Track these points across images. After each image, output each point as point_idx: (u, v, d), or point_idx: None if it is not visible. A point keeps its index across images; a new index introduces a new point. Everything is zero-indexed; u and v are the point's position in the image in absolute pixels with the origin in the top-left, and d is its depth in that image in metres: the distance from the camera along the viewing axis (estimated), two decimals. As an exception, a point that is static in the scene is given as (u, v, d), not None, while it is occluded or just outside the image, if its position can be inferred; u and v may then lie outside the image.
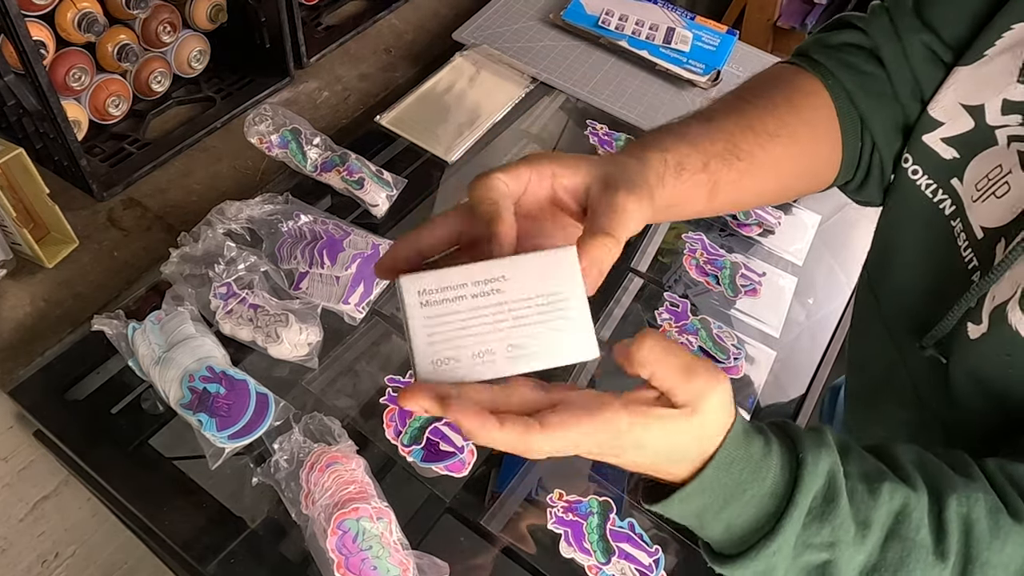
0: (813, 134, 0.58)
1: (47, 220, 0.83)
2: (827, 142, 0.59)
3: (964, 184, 0.54)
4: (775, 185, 0.59)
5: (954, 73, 0.54)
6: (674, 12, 1.22)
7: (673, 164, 0.49)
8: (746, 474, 0.42)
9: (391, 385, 0.76)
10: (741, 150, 0.54)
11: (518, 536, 0.69)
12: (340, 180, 0.92)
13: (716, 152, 0.52)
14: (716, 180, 0.52)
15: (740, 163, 0.53)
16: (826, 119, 0.59)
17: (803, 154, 0.58)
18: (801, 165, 0.59)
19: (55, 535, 0.96)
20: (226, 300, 0.77)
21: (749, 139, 0.54)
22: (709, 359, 0.44)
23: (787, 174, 0.58)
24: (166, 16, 0.95)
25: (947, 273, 0.55)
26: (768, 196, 0.61)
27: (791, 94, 0.58)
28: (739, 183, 0.54)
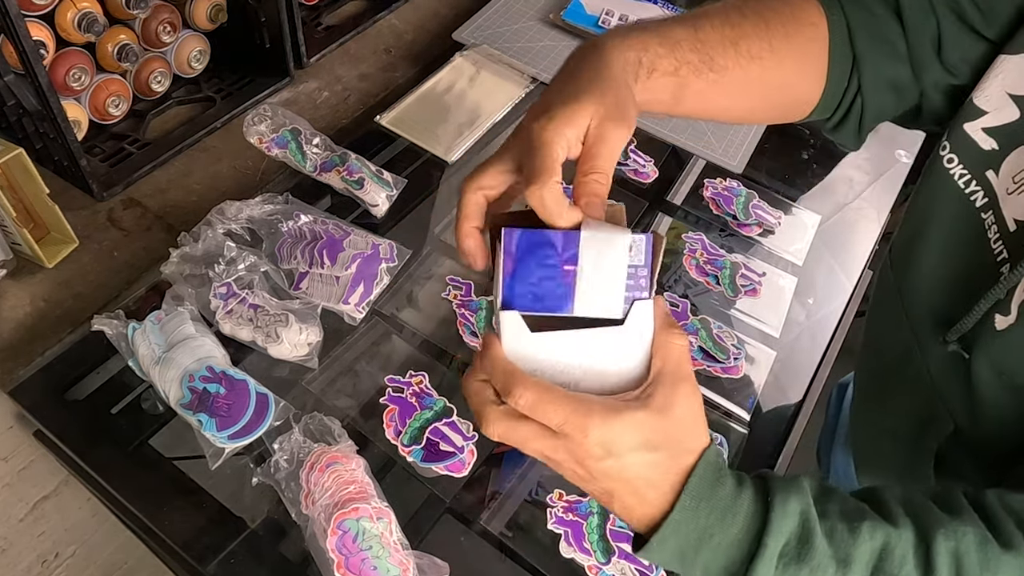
0: (798, 66, 0.58)
1: (47, 220, 0.83)
2: (811, 76, 0.59)
3: (1000, 176, 0.53)
4: (743, 104, 0.60)
5: (1001, 62, 0.53)
6: (674, 12, 1.22)
7: (647, 65, 0.52)
8: (713, 519, 0.42)
9: (391, 385, 0.76)
10: (716, 63, 0.55)
11: (518, 536, 0.69)
12: (340, 180, 0.92)
13: (690, 60, 0.54)
14: (683, 85, 0.54)
15: (712, 74, 0.55)
16: (816, 53, 0.58)
17: (781, 82, 0.58)
18: (776, 92, 0.59)
19: (55, 535, 0.96)
20: (226, 300, 0.77)
21: (729, 55, 0.55)
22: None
23: (758, 97, 0.59)
24: (166, 16, 0.95)
25: (975, 266, 0.54)
26: (735, 113, 0.61)
27: (788, 20, 0.58)
28: (705, 94, 0.55)
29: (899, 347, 0.62)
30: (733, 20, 0.56)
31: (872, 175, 1.11)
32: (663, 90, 0.54)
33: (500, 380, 0.42)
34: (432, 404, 0.75)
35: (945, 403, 0.58)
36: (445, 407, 0.75)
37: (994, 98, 0.54)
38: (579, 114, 0.46)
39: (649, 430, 0.42)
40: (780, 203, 1.04)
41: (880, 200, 1.09)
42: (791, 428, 0.83)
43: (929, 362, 0.60)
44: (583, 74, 0.49)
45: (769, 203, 1.03)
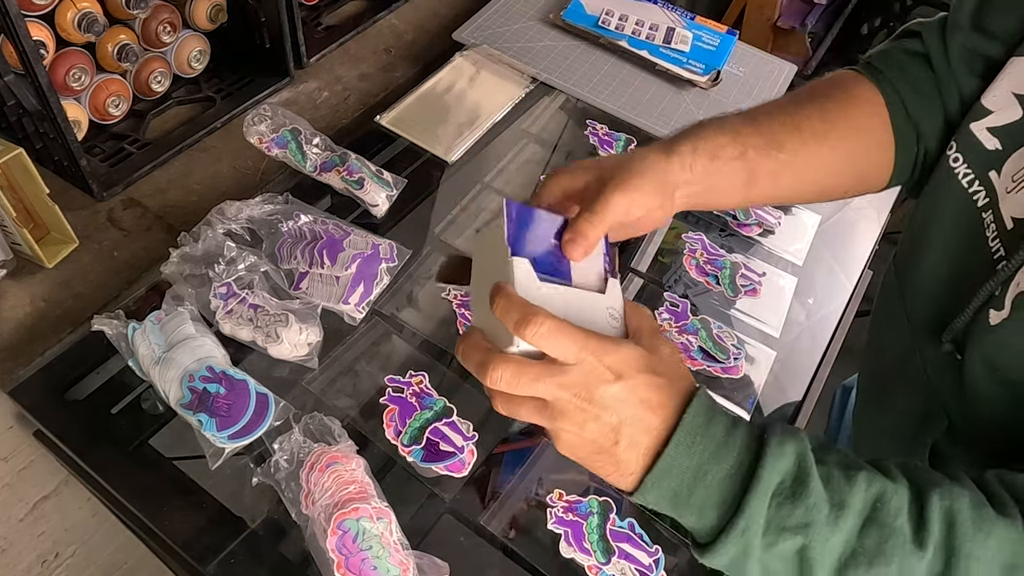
0: (863, 140, 0.60)
1: (47, 220, 0.83)
2: (878, 149, 0.61)
3: (1001, 176, 0.53)
4: (817, 183, 0.61)
5: (1011, 63, 0.54)
6: (674, 12, 1.22)
7: (705, 151, 0.54)
8: (707, 455, 0.43)
9: (391, 385, 0.76)
10: (783, 145, 0.56)
11: (518, 536, 0.69)
12: (340, 180, 0.92)
13: (755, 144, 0.55)
14: (754, 169, 0.55)
15: (781, 155, 0.56)
16: (879, 126, 0.60)
17: (850, 158, 0.60)
18: (847, 168, 0.61)
19: (55, 535, 0.96)
20: (226, 300, 0.77)
21: (793, 137, 0.57)
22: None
23: (831, 174, 0.60)
24: (166, 16, 0.95)
25: (973, 265, 0.54)
26: (808, 194, 0.62)
27: (845, 99, 0.60)
28: (779, 175, 0.57)
29: (900, 348, 0.62)
30: (789, 110, 0.58)
31: (872, 175, 1.11)
32: (732, 175, 0.55)
33: (518, 312, 0.43)
34: (432, 404, 0.75)
35: (940, 400, 0.58)
36: (445, 407, 0.75)
37: (1000, 98, 0.54)
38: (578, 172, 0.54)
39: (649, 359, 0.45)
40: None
41: (880, 200, 1.09)
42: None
43: (925, 360, 0.60)
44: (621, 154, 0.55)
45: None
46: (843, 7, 2.37)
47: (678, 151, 0.54)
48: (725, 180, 0.55)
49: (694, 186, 0.54)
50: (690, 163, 0.54)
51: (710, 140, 0.54)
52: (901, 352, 0.63)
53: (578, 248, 0.49)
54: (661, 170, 0.53)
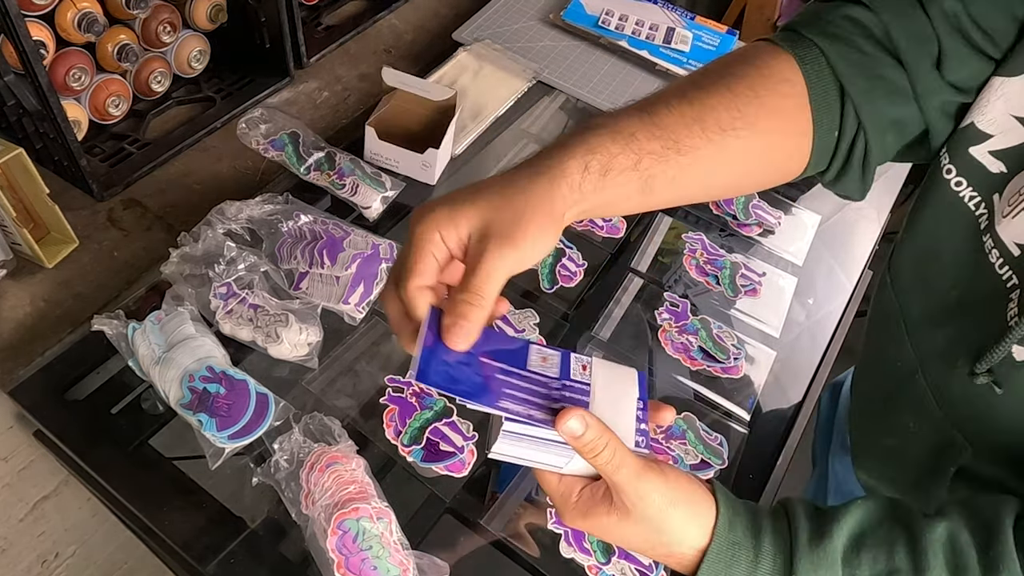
0: (777, 126, 0.54)
1: (47, 220, 0.83)
2: (793, 134, 0.55)
3: (1001, 199, 0.52)
4: (725, 180, 0.56)
5: (1001, 84, 0.52)
6: (674, 12, 1.22)
7: (596, 168, 0.48)
8: None
9: (391, 385, 0.76)
10: (683, 145, 0.50)
11: (518, 536, 0.69)
12: (331, 184, 0.92)
13: (652, 149, 0.50)
14: (649, 177, 0.50)
15: (681, 158, 0.50)
16: (795, 108, 0.54)
17: (762, 148, 0.54)
18: (758, 159, 0.55)
19: (55, 535, 0.96)
20: (226, 300, 0.77)
21: (695, 133, 0.51)
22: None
23: (739, 168, 0.55)
24: (166, 16, 0.95)
25: (982, 291, 0.53)
26: (717, 190, 0.58)
27: (757, 80, 0.53)
28: (678, 179, 0.51)
29: (902, 368, 0.61)
30: (691, 96, 0.52)
31: (872, 175, 1.10)
32: (625, 185, 0.49)
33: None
34: (432, 404, 0.75)
35: (960, 428, 0.56)
36: (445, 407, 0.75)
37: (999, 121, 0.52)
38: (460, 217, 0.45)
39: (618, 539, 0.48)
40: (780, 203, 1.04)
41: (880, 200, 1.09)
42: (791, 428, 0.83)
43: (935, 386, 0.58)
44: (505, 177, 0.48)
45: (769, 203, 1.03)
46: (843, 7, 2.37)
47: (567, 174, 0.47)
48: (616, 193, 0.49)
49: (583, 204, 0.48)
50: (579, 183, 0.47)
51: (602, 152, 0.48)
52: (904, 373, 0.61)
53: (458, 335, 0.44)
54: (547, 201, 0.46)
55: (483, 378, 0.45)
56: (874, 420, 0.70)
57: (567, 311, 0.87)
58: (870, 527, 0.47)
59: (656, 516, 0.46)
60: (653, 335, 0.86)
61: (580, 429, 0.44)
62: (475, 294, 0.44)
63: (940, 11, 0.52)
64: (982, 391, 0.53)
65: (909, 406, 0.61)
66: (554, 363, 0.49)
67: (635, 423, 0.47)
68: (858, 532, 0.47)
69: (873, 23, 0.54)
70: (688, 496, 0.47)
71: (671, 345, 0.85)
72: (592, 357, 0.50)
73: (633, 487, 0.45)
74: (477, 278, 0.44)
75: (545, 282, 0.89)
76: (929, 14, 0.52)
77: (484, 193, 0.46)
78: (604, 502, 0.47)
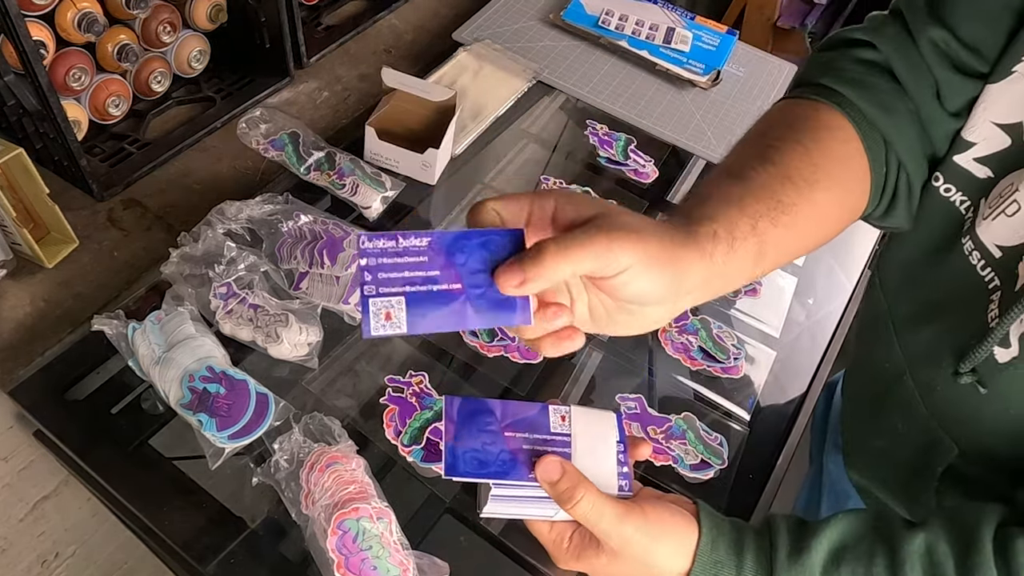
0: (847, 172, 0.54)
1: (47, 220, 0.83)
2: (860, 177, 0.55)
3: (986, 202, 0.53)
4: (818, 233, 0.54)
5: (983, 91, 0.53)
6: (674, 12, 1.22)
7: (724, 236, 0.45)
8: None
9: (391, 385, 0.76)
10: (785, 204, 0.49)
11: (518, 536, 0.69)
12: (331, 184, 0.92)
13: (762, 211, 0.48)
14: (763, 243, 0.48)
15: (785, 217, 0.49)
16: (856, 153, 0.54)
17: (842, 195, 0.54)
18: (841, 206, 0.55)
19: (55, 535, 0.96)
20: (226, 300, 0.77)
21: (790, 191, 0.49)
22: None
23: (831, 219, 0.54)
24: (166, 16, 0.95)
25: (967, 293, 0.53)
26: (812, 246, 0.56)
27: (817, 133, 0.53)
28: (785, 240, 0.50)
29: (891, 370, 0.61)
30: (770, 156, 0.51)
31: (872, 175, 1.10)
32: (747, 254, 0.47)
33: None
34: (432, 404, 0.75)
35: (948, 431, 0.57)
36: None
37: (980, 128, 0.53)
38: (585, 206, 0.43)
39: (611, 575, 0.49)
40: (780, 203, 1.04)
41: (880, 200, 1.09)
42: (791, 428, 0.83)
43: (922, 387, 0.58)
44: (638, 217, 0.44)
45: (769, 203, 1.03)
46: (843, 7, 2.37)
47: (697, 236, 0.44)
48: (738, 265, 0.46)
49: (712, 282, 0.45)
50: (711, 251, 0.44)
51: (724, 220, 0.45)
52: (893, 375, 0.62)
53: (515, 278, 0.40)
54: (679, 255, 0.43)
55: (510, 452, 0.48)
56: (864, 421, 0.71)
57: (567, 311, 0.87)
58: (851, 540, 0.48)
59: (642, 554, 0.47)
60: (653, 335, 0.86)
61: (556, 475, 0.46)
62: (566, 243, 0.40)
63: (929, 42, 0.53)
64: (967, 391, 0.53)
65: (897, 407, 0.61)
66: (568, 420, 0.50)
67: (616, 467, 0.49)
68: (839, 546, 0.47)
69: (881, 60, 0.56)
70: (671, 529, 0.48)
71: (671, 345, 0.85)
72: (570, 406, 0.51)
73: (617, 532, 0.47)
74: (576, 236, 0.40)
75: (545, 282, 0.89)
76: (919, 47, 0.53)
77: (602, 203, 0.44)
78: (593, 545, 0.49)
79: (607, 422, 0.51)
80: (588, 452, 0.49)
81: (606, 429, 0.50)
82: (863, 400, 0.70)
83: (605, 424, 0.51)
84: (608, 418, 0.51)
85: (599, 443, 0.50)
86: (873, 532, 0.48)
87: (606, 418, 0.51)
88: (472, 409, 0.49)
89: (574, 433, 0.49)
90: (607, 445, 0.50)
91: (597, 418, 0.51)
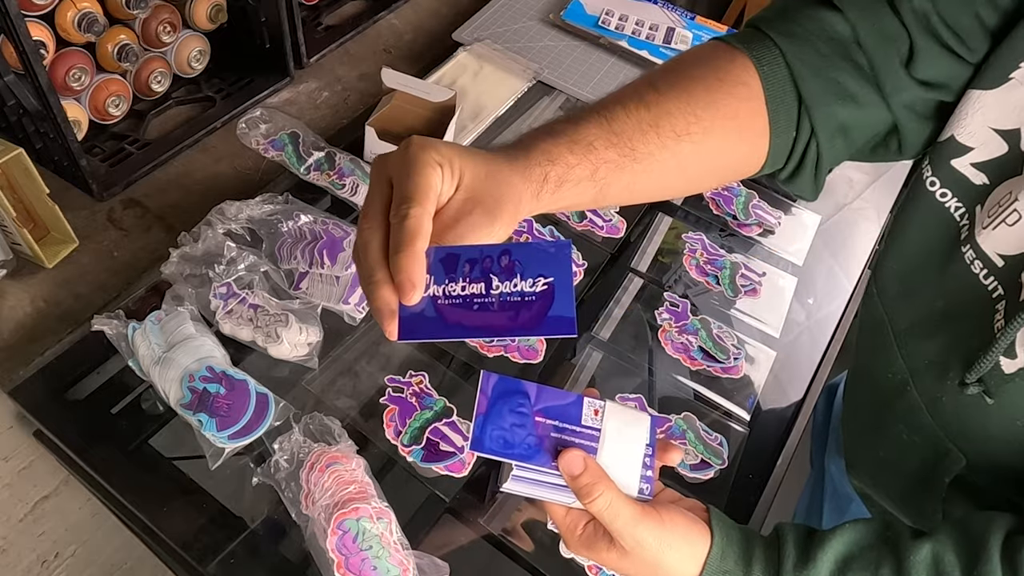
0: (733, 129, 0.54)
1: (47, 220, 0.83)
2: (750, 137, 0.56)
3: (983, 210, 0.52)
4: (678, 183, 0.57)
5: (979, 97, 0.52)
6: (674, 12, 1.22)
7: (554, 179, 0.48)
8: None
9: (391, 385, 0.76)
10: (639, 153, 0.51)
11: (518, 536, 0.69)
12: (331, 184, 0.92)
13: (608, 158, 0.50)
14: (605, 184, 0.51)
15: (636, 165, 0.51)
16: (752, 111, 0.55)
17: (717, 151, 0.55)
18: (713, 161, 0.56)
19: (55, 535, 0.96)
20: (226, 300, 0.77)
21: (651, 139, 0.51)
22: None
23: (693, 172, 0.56)
24: (166, 16, 0.95)
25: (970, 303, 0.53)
26: (671, 191, 0.59)
27: (713, 84, 0.54)
28: (633, 185, 0.52)
29: (893, 379, 0.61)
30: (649, 99, 0.52)
31: (872, 175, 1.11)
32: (581, 194, 0.51)
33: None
34: (432, 404, 0.75)
35: (955, 441, 0.56)
36: (445, 407, 0.75)
37: (978, 134, 0.53)
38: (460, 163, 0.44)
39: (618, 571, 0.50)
40: (780, 203, 1.04)
41: (880, 200, 1.09)
42: (791, 428, 0.83)
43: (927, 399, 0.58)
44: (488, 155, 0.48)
45: (769, 203, 1.03)
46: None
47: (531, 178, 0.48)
48: (571, 200, 0.51)
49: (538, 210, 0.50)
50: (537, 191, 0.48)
51: (561, 163, 0.49)
52: (895, 384, 0.61)
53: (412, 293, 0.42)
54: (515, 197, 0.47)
55: (537, 438, 0.48)
56: (866, 430, 0.70)
57: (567, 311, 0.86)
58: (858, 550, 0.48)
59: (653, 559, 0.48)
60: (653, 335, 0.86)
61: (578, 469, 0.47)
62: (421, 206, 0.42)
63: (910, 9, 0.52)
64: (973, 402, 0.53)
65: (902, 417, 0.61)
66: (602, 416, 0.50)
67: (640, 470, 0.50)
68: (845, 555, 0.48)
69: (837, 23, 0.54)
70: (684, 537, 0.49)
71: (671, 345, 0.85)
72: (606, 402, 0.51)
73: (630, 533, 0.47)
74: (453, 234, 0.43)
75: (545, 282, 0.89)
76: (900, 12, 0.53)
77: (477, 157, 0.46)
78: (605, 539, 0.49)
79: (640, 425, 0.51)
80: (614, 450, 0.49)
81: (638, 431, 0.50)
82: (865, 409, 0.70)
83: (638, 426, 0.51)
84: (642, 420, 0.51)
85: (628, 443, 0.50)
86: (880, 542, 0.48)
87: (640, 420, 0.51)
88: (507, 388, 0.49)
89: (604, 429, 0.49)
90: (635, 447, 0.50)
91: (632, 419, 0.51)
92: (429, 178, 0.43)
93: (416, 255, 0.41)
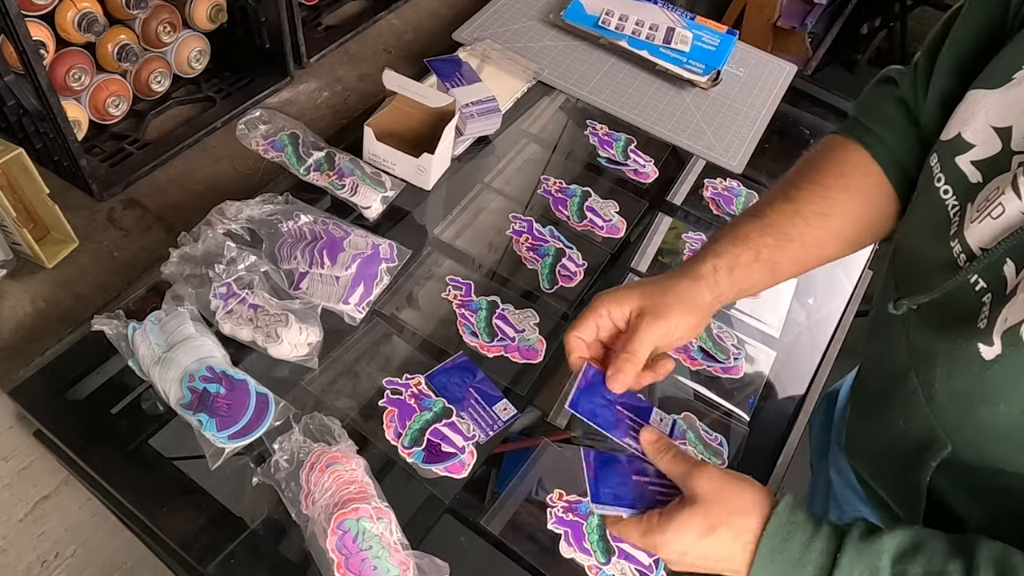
0: (865, 201, 0.67)
1: (47, 220, 0.83)
2: (880, 204, 0.68)
3: (972, 206, 0.54)
4: (835, 250, 0.68)
5: (984, 96, 0.54)
6: (674, 12, 1.22)
7: (724, 267, 0.64)
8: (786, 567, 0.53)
9: (389, 387, 0.76)
10: (791, 234, 0.65)
11: (518, 536, 0.69)
12: (330, 184, 0.92)
13: (766, 243, 0.64)
14: (773, 264, 0.65)
15: (792, 244, 0.65)
16: (877, 185, 0.67)
17: (856, 220, 0.67)
18: (856, 230, 0.68)
19: (55, 535, 0.97)
20: (226, 300, 0.77)
21: (798, 224, 0.65)
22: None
23: (845, 240, 0.68)
24: (166, 16, 0.95)
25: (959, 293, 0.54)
26: (834, 256, 0.69)
27: (841, 171, 0.67)
28: (798, 259, 0.66)
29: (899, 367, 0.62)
30: (790, 195, 0.66)
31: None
32: (754, 275, 0.65)
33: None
34: (431, 405, 0.75)
35: (944, 427, 0.58)
36: (444, 408, 0.75)
37: (980, 131, 0.55)
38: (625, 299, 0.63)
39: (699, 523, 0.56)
40: (780, 203, 1.03)
41: (880, 200, 1.09)
42: (791, 428, 0.83)
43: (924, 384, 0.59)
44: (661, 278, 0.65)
45: (769, 203, 1.03)
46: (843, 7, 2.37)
47: (702, 275, 0.63)
48: (750, 281, 0.65)
49: (724, 297, 0.64)
50: (714, 282, 0.63)
51: (726, 254, 0.64)
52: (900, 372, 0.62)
53: (618, 381, 0.62)
54: (691, 295, 0.63)
55: (615, 419, 0.64)
56: (870, 417, 0.71)
57: (567, 311, 0.87)
58: (925, 539, 0.53)
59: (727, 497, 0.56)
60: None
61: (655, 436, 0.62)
62: (632, 354, 0.62)
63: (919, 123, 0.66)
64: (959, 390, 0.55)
65: (902, 403, 0.62)
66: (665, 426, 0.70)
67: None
68: (914, 540, 0.53)
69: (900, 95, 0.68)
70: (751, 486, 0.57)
71: (671, 345, 0.85)
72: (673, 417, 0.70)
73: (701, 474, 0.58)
74: (633, 343, 0.62)
75: (545, 282, 0.89)
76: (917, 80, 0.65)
77: (646, 286, 0.64)
78: (678, 506, 0.57)
79: None
80: None
81: None
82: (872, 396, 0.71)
83: None
84: None
85: None
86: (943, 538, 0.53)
87: None
88: (598, 380, 0.64)
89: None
90: None
91: None
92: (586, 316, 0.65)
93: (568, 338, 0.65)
